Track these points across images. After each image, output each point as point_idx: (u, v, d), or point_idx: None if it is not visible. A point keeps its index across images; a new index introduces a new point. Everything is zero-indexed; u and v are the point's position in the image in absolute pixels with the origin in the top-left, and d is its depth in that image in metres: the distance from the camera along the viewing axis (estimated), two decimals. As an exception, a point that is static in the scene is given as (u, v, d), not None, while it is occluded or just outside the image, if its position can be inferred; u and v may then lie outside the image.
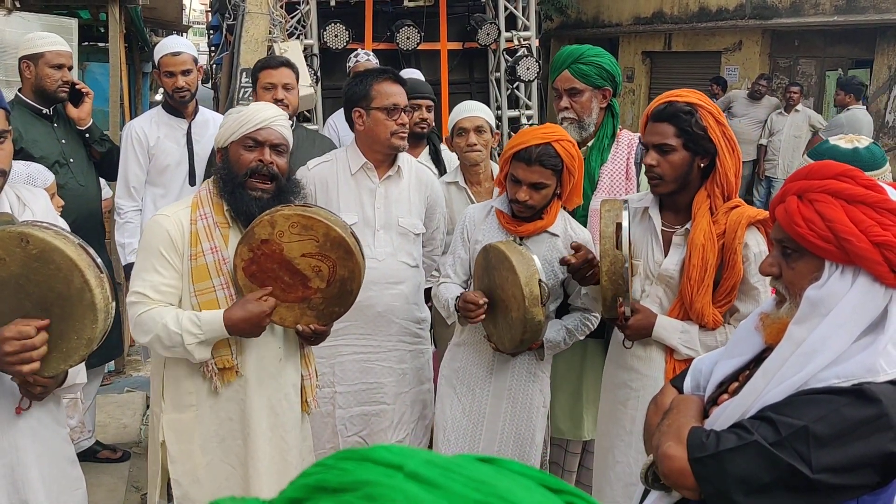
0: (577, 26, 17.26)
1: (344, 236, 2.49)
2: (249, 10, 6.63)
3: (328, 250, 2.48)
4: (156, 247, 2.57)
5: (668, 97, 2.67)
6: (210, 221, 2.60)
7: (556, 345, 3.02)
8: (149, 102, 12.19)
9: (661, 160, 2.64)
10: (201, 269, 2.57)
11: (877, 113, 11.79)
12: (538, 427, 3.11)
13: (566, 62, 3.31)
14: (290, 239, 2.47)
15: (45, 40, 3.96)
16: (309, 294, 2.54)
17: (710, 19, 14.28)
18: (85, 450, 4.24)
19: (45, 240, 2.09)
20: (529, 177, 2.87)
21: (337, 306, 2.60)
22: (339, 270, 2.51)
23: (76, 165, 4.07)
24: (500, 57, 8.54)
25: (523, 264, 2.72)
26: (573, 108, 3.30)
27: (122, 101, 6.61)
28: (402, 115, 3.25)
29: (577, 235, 3.04)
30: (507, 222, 3.02)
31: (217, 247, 2.58)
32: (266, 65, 3.98)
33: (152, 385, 2.79)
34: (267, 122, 2.58)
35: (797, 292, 1.63)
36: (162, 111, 4.38)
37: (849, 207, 1.57)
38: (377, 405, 3.32)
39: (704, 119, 2.60)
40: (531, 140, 2.87)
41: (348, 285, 2.55)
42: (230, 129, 2.60)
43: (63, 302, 2.13)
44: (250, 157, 2.57)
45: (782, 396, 1.58)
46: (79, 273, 2.11)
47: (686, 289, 2.65)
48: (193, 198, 2.66)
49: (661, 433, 1.72)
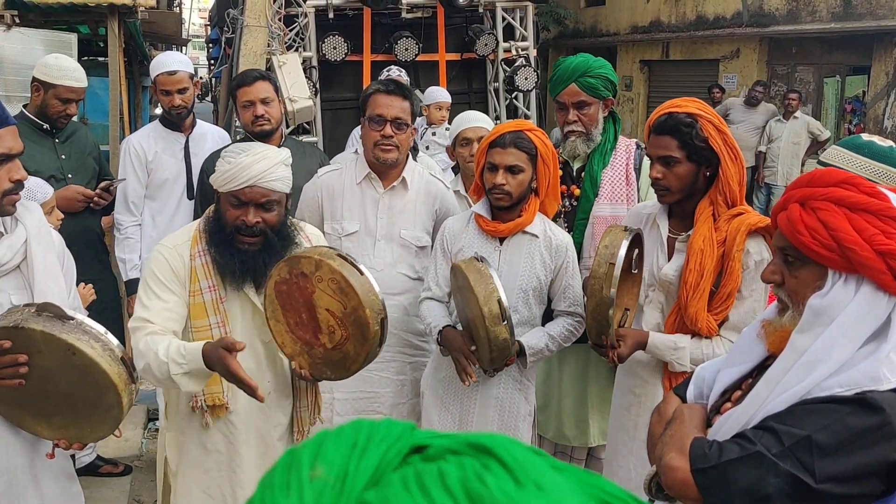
0: (575, 36, 17.31)
1: (369, 322, 2.40)
2: (248, 24, 6.65)
3: (349, 323, 2.42)
4: (158, 274, 2.54)
5: (669, 108, 2.67)
6: (207, 259, 2.57)
7: (538, 352, 2.98)
8: (149, 116, 12.21)
9: (667, 172, 2.64)
10: (198, 308, 2.55)
11: (875, 119, 11.81)
12: (524, 436, 3.10)
13: (573, 76, 3.29)
14: (324, 289, 2.41)
15: (62, 72, 3.92)
16: (314, 343, 2.50)
17: (708, 27, 14.32)
18: (86, 465, 4.22)
19: (92, 358, 2.16)
20: (505, 159, 2.89)
21: (331, 371, 2.55)
22: (348, 345, 2.46)
23: (74, 182, 4.06)
24: (498, 67, 8.56)
25: (481, 283, 2.71)
26: (581, 122, 3.29)
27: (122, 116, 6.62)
28: (386, 128, 3.18)
29: (557, 238, 3.03)
30: (485, 224, 3.01)
31: (214, 285, 2.56)
32: (241, 83, 3.90)
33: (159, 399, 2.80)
34: (254, 180, 2.46)
35: (800, 300, 1.62)
36: (159, 125, 4.38)
37: (852, 215, 1.55)
38: (374, 414, 3.31)
39: (705, 129, 2.60)
40: (503, 129, 2.97)
41: (348, 363, 2.50)
42: (221, 179, 2.51)
43: (88, 406, 2.24)
44: (235, 215, 2.50)
45: (785, 406, 1.57)
46: (115, 393, 2.20)
47: (682, 294, 2.65)
48: (193, 232, 2.62)
49: (663, 444, 1.71)
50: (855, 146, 2.63)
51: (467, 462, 0.59)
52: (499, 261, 3.00)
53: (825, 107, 12.85)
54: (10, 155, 2.31)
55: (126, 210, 4.28)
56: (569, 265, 3.00)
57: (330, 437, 0.65)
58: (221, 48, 9.16)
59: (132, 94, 10.04)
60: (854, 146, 2.63)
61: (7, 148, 2.29)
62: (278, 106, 3.95)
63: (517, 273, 2.99)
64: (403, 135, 3.23)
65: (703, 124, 2.60)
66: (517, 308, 2.99)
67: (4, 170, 2.31)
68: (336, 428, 0.66)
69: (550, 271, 3.02)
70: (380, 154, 3.20)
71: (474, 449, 0.61)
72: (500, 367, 2.89)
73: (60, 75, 3.91)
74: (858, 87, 12.43)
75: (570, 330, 3.04)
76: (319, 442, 0.64)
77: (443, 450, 0.62)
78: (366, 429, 0.65)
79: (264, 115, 3.79)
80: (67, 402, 2.23)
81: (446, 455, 0.61)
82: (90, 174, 4.22)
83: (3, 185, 2.31)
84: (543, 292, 3.06)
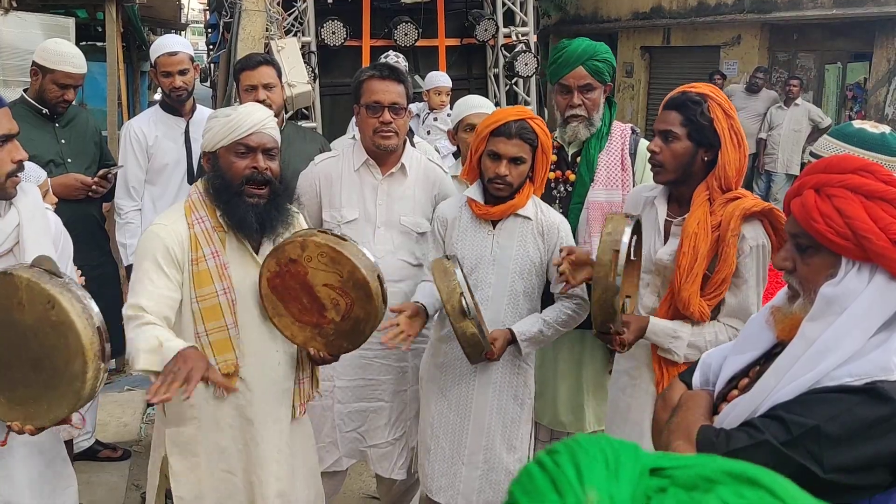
0: (576, 21, 17.23)
1: (368, 280, 2.45)
2: (246, 8, 6.61)
3: (349, 289, 2.46)
4: (152, 256, 2.49)
5: (684, 88, 2.68)
6: (207, 225, 2.54)
7: (532, 338, 2.96)
8: (147, 101, 12.17)
9: (664, 147, 2.64)
10: (203, 275, 2.51)
11: (876, 106, 11.77)
12: (524, 420, 3.10)
13: (581, 58, 3.26)
14: (317, 266, 2.44)
15: (60, 57, 3.90)
16: (322, 322, 2.52)
17: (709, 13, 14.25)
18: (85, 450, 4.22)
19: (69, 314, 2.09)
20: (510, 150, 2.87)
21: (346, 342, 2.58)
22: (355, 310, 2.49)
23: (74, 167, 4.05)
24: (498, 53, 8.52)
25: (444, 281, 2.73)
26: (585, 106, 3.27)
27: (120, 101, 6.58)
28: (384, 114, 3.14)
29: (549, 220, 3.01)
30: (478, 209, 2.99)
31: (217, 251, 2.53)
32: (244, 66, 3.89)
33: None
34: (257, 126, 2.50)
35: (811, 288, 1.60)
36: (160, 110, 4.37)
37: (868, 203, 1.53)
38: (375, 402, 3.30)
39: (713, 110, 2.59)
40: (507, 117, 2.91)
41: (361, 325, 2.52)
42: (219, 134, 2.52)
43: (54, 375, 2.15)
44: (244, 165, 2.50)
45: (794, 395, 1.55)
46: (82, 361, 2.12)
47: (675, 277, 2.64)
48: (185, 203, 2.60)
49: (670, 431, 1.70)
50: (844, 135, 2.59)
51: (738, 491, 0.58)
52: (492, 244, 2.99)
53: (826, 94, 12.80)
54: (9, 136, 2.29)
55: (126, 195, 4.27)
56: (563, 245, 2.98)
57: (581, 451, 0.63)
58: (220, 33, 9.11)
59: (130, 80, 10.00)
60: (844, 135, 2.59)
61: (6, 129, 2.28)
62: (280, 91, 3.93)
63: (511, 256, 2.98)
64: (401, 120, 3.19)
65: (712, 105, 2.59)
66: (514, 291, 2.99)
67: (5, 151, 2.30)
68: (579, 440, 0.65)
69: (544, 252, 3.01)
70: (379, 141, 3.17)
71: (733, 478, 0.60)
72: (479, 360, 2.87)
73: (59, 60, 3.89)
74: (860, 73, 12.38)
75: (570, 313, 3.01)
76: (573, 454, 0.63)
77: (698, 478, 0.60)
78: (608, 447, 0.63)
79: (266, 100, 3.77)
80: (34, 368, 2.15)
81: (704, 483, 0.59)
82: (90, 159, 4.20)
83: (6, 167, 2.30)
84: (540, 274, 3.04)
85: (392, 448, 3.34)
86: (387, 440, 3.33)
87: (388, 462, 3.35)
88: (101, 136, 4.42)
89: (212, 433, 2.63)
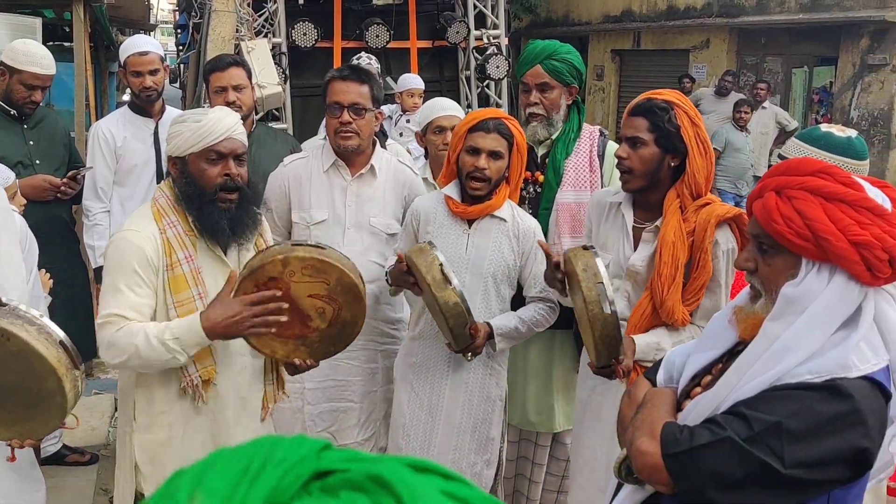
0: (547, 25, 17.31)
1: (356, 282, 2.47)
2: (216, 9, 6.57)
3: (338, 294, 2.46)
4: (129, 265, 2.43)
5: (649, 94, 2.70)
6: (180, 230, 2.51)
7: (507, 333, 2.97)
8: (116, 102, 12.04)
9: (632, 153, 2.66)
10: (179, 280, 2.48)
11: (842, 109, 11.95)
12: (495, 421, 3.10)
13: (538, 57, 3.30)
14: (300, 280, 2.42)
15: (28, 58, 3.86)
16: (307, 332, 2.51)
17: (679, 17, 14.39)
18: (52, 454, 4.17)
19: (27, 342, 2.08)
20: (488, 144, 2.91)
21: (332, 346, 2.58)
22: (343, 313, 2.49)
23: (43, 168, 4.01)
24: (469, 55, 8.54)
25: (422, 258, 2.76)
26: (542, 104, 3.29)
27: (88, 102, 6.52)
28: (343, 114, 3.14)
29: (525, 223, 3.04)
30: (455, 206, 3.01)
31: (190, 256, 2.50)
32: (214, 67, 3.86)
33: (121, 404, 2.68)
34: (229, 132, 2.48)
35: (773, 288, 1.63)
36: (128, 111, 4.33)
37: (827, 205, 1.56)
38: (345, 402, 3.30)
39: (679, 118, 2.62)
40: (485, 115, 2.99)
41: (349, 328, 2.54)
42: (190, 140, 2.47)
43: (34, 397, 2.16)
44: (216, 172, 2.47)
45: (755, 392, 1.58)
46: (55, 379, 2.12)
47: (657, 287, 2.66)
48: (152, 209, 2.54)
49: (634, 427, 1.72)
50: (812, 138, 2.64)
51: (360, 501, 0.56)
52: (467, 244, 3.01)
53: (793, 97, 12.98)
54: None
55: (95, 196, 4.22)
56: (537, 250, 3.00)
57: (221, 459, 0.58)
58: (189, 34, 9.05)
59: (98, 80, 9.90)
60: (811, 138, 2.65)
61: None
62: (250, 93, 3.91)
63: (485, 257, 3.00)
64: (363, 120, 3.17)
65: (679, 113, 2.62)
66: (487, 291, 3.01)
67: None
68: (234, 447, 0.60)
69: (519, 256, 3.03)
70: (340, 142, 3.17)
71: (375, 483, 0.57)
72: (465, 344, 2.86)
73: (26, 61, 3.85)
74: (826, 77, 12.57)
75: (542, 315, 3.04)
76: (209, 464, 0.58)
77: (343, 482, 0.57)
78: (265, 449, 0.59)
79: (236, 102, 3.75)
80: (13, 396, 2.16)
81: (341, 491, 0.57)
82: (59, 161, 4.16)
83: None
84: (513, 276, 3.06)
85: (362, 448, 3.34)
86: (356, 440, 3.33)
87: (359, 462, 3.35)
88: (70, 137, 4.38)
89: (183, 439, 2.61)
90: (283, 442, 0.60)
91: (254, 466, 0.57)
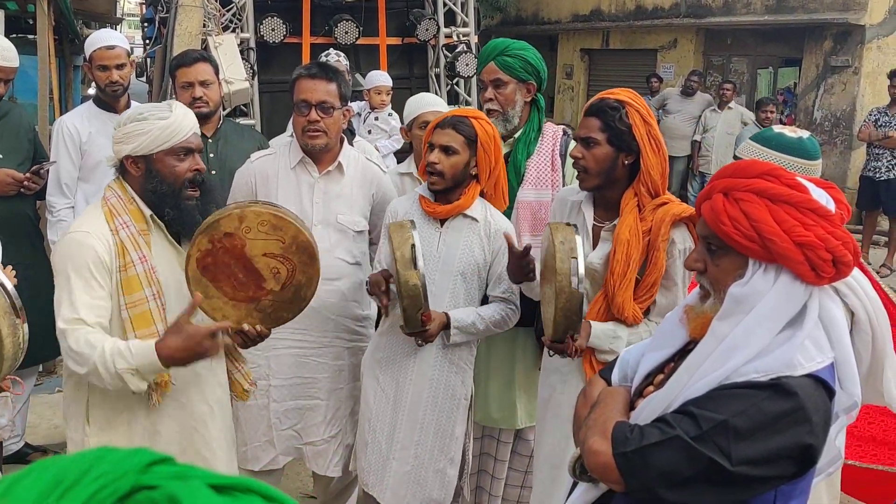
0: (517, 23, 17.37)
1: (311, 242, 2.49)
2: (183, 3, 6.53)
3: (292, 253, 2.46)
4: (84, 266, 2.40)
5: (603, 94, 2.75)
6: (133, 230, 2.48)
7: (463, 327, 2.99)
8: (80, 96, 11.89)
9: (586, 153, 2.70)
10: (132, 281, 2.45)
11: (805, 110, 12.13)
12: (458, 419, 3.12)
13: (492, 54, 3.35)
14: (256, 236, 2.43)
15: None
16: (260, 295, 2.49)
17: (647, 17, 14.51)
18: (14, 452, 4.13)
19: None
20: (441, 139, 2.97)
21: (286, 311, 2.57)
22: (297, 275, 2.49)
23: (6, 163, 3.96)
24: (439, 53, 8.55)
25: (399, 233, 2.80)
26: (497, 100, 3.33)
27: (52, 95, 6.45)
28: (311, 112, 3.13)
29: (497, 223, 3.07)
30: (426, 205, 3.06)
31: (145, 256, 2.47)
32: (181, 62, 3.86)
33: (69, 411, 2.60)
34: (193, 128, 2.52)
35: (721, 288, 1.67)
36: (93, 106, 4.29)
37: (773, 207, 1.60)
38: (311, 400, 3.31)
39: (630, 117, 2.66)
40: (454, 113, 3.08)
41: (303, 291, 2.53)
42: (159, 139, 2.45)
43: None
44: (185, 167, 2.49)
45: (704, 391, 1.61)
46: None
47: (609, 283, 2.71)
48: (103, 209, 2.50)
49: (587, 427, 1.75)
50: (765, 139, 2.70)
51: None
52: (438, 242, 3.04)
53: (758, 97, 13.14)
54: None
55: (59, 192, 4.18)
56: (506, 251, 3.03)
57: (38, 470, 0.55)
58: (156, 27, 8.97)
59: (63, 74, 9.77)
60: (764, 139, 2.71)
61: None
62: (217, 88, 3.90)
63: (455, 255, 3.03)
64: (331, 119, 3.17)
65: (630, 111, 2.66)
66: (455, 290, 3.04)
67: None
68: (62, 457, 0.57)
69: (489, 254, 3.06)
70: (308, 140, 3.17)
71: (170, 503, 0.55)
72: (415, 327, 2.86)
73: None
74: (790, 78, 12.75)
75: (503, 316, 3.07)
76: (24, 475, 0.55)
77: (147, 501, 0.55)
78: (88, 462, 0.56)
79: (203, 98, 3.74)
80: None
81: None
82: (24, 155, 4.10)
83: None
84: (482, 275, 3.09)
85: (328, 445, 3.35)
86: (322, 437, 3.34)
87: (324, 459, 3.36)
88: (34, 131, 4.33)
89: (144, 438, 2.59)
90: (111, 455, 0.58)
91: (68, 479, 0.54)
